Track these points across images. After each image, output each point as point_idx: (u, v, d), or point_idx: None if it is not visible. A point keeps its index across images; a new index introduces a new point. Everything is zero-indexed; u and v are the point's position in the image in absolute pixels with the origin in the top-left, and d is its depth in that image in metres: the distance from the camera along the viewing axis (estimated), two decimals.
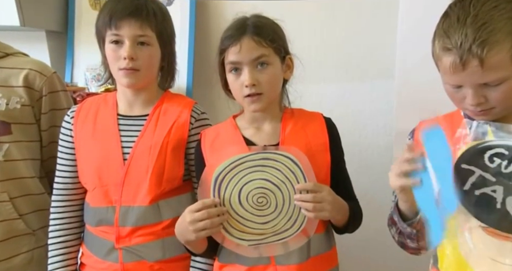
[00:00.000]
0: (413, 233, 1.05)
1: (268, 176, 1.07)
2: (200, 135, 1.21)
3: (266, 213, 1.07)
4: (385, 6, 1.69)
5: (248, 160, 1.07)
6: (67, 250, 1.29)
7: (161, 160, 1.21)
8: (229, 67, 1.13)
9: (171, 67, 1.31)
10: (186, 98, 1.36)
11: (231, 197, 1.06)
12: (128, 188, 1.21)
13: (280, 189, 1.07)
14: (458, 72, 0.91)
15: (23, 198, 1.35)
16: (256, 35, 1.11)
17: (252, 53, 1.10)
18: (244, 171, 1.07)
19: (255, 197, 1.07)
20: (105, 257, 1.23)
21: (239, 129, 1.18)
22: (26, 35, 1.91)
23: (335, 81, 1.23)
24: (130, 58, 1.18)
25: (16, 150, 1.33)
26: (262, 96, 1.12)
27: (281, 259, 1.10)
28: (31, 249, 1.36)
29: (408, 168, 0.92)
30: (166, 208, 1.23)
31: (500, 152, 0.89)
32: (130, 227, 1.21)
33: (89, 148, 1.25)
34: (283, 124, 1.17)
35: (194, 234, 1.04)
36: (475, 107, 0.94)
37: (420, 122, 1.12)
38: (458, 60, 0.89)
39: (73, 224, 1.30)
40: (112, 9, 1.20)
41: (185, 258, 1.26)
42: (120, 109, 1.28)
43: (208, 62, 1.90)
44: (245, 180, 1.07)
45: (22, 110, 1.33)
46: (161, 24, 1.24)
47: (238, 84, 1.12)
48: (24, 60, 1.41)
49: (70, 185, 1.29)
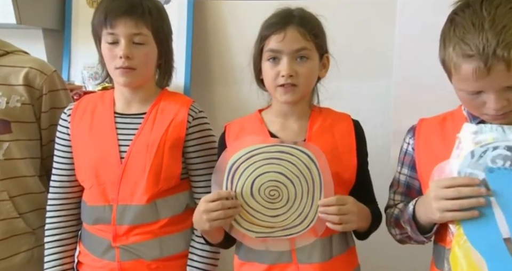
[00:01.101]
0: (425, 241, 1.05)
1: (282, 170, 1.06)
2: (224, 128, 1.20)
3: (277, 207, 1.06)
4: (383, 6, 1.69)
5: (265, 151, 1.06)
6: (63, 248, 1.29)
7: (159, 158, 1.21)
8: (268, 55, 1.11)
9: (168, 65, 1.30)
10: (184, 96, 1.35)
11: (243, 186, 1.06)
12: (125, 186, 1.20)
13: (294, 184, 1.06)
14: (482, 78, 0.88)
15: (23, 197, 1.34)
16: (301, 26, 1.10)
17: (294, 44, 1.09)
18: (259, 162, 1.06)
19: (268, 190, 1.06)
20: (102, 256, 1.23)
21: (265, 124, 1.17)
22: (23, 33, 1.89)
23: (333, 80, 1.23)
24: (126, 57, 1.18)
25: (16, 149, 1.32)
26: (297, 88, 1.10)
27: (304, 258, 1.09)
28: (30, 248, 1.35)
29: (471, 202, 0.88)
30: (163, 207, 1.23)
31: (502, 153, 0.89)
32: (127, 226, 1.20)
33: (86, 146, 1.25)
34: (311, 122, 1.16)
35: (208, 224, 1.04)
36: (497, 111, 0.92)
37: (420, 120, 1.12)
38: (483, 65, 0.87)
39: (70, 223, 1.30)
40: (107, 8, 1.19)
41: (183, 257, 1.26)
42: (117, 107, 1.28)
43: (206, 61, 1.90)
44: (259, 171, 1.06)
45: (22, 108, 1.33)
46: (157, 22, 1.23)
47: (274, 72, 1.10)
48: (24, 58, 1.40)
49: (66, 183, 1.29)
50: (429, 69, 1.11)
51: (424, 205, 0.98)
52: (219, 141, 1.21)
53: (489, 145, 0.91)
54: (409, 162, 1.12)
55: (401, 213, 1.09)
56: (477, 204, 0.88)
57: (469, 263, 0.89)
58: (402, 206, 1.12)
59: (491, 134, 0.92)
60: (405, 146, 1.13)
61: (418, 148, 1.08)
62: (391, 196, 1.18)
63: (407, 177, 1.14)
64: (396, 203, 1.16)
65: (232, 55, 1.85)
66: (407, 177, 1.14)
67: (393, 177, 1.18)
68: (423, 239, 1.04)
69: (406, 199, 1.15)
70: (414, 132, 1.11)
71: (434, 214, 0.92)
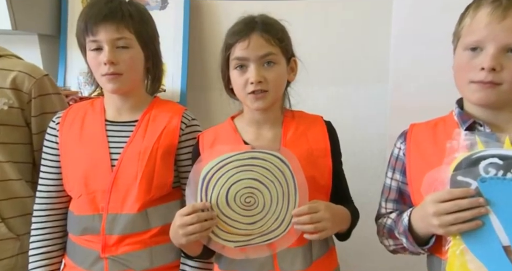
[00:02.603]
0: (421, 253, 1.03)
1: (256, 176, 1.04)
2: (197, 137, 1.19)
3: (254, 213, 1.04)
4: (378, 11, 1.68)
5: (237, 159, 1.04)
6: (49, 261, 1.25)
7: (151, 166, 1.19)
8: (235, 63, 1.10)
9: (157, 68, 1.28)
10: (176, 104, 1.33)
11: (218, 197, 1.04)
12: (116, 195, 1.18)
13: (269, 189, 1.04)
14: (494, 24, 0.91)
15: (8, 201, 1.32)
16: (265, 32, 1.09)
17: (260, 50, 1.08)
18: (233, 170, 1.04)
19: (243, 197, 1.04)
20: (90, 268, 1.20)
21: (239, 133, 1.16)
22: (19, 39, 1.89)
23: (329, 85, 1.21)
24: (111, 63, 1.16)
25: (2, 152, 1.30)
26: (267, 94, 1.10)
27: (286, 265, 1.09)
28: (14, 255, 1.33)
29: (473, 213, 0.87)
30: (154, 216, 1.21)
31: (494, 162, 0.88)
32: (117, 235, 1.18)
33: (75, 154, 1.23)
34: (284, 129, 1.15)
35: (184, 238, 1.02)
36: (487, 74, 0.92)
37: (411, 125, 1.11)
38: (502, 8, 0.90)
39: (56, 234, 1.27)
40: (87, 16, 1.18)
41: (173, 267, 1.24)
42: (108, 114, 1.26)
43: (202, 66, 1.90)
44: (233, 179, 1.04)
45: (10, 111, 1.31)
46: (139, 24, 1.20)
47: (243, 80, 1.09)
48: (15, 62, 1.39)
49: (53, 193, 1.27)
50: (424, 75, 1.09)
51: (421, 219, 0.96)
52: (193, 151, 1.19)
53: (481, 153, 0.89)
54: (401, 167, 1.10)
55: (395, 224, 1.07)
56: (478, 214, 0.87)
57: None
58: (395, 216, 1.10)
59: (483, 140, 0.91)
60: (396, 152, 1.12)
61: (409, 153, 1.07)
62: (383, 204, 1.15)
63: (398, 183, 1.12)
64: (388, 212, 1.14)
65: None
66: (398, 183, 1.12)
67: (383, 184, 1.16)
68: (419, 251, 1.02)
69: (398, 207, 1.13)
70: (405, 137, 1.10)
71: (438, 230, 0.91)
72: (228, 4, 1.84)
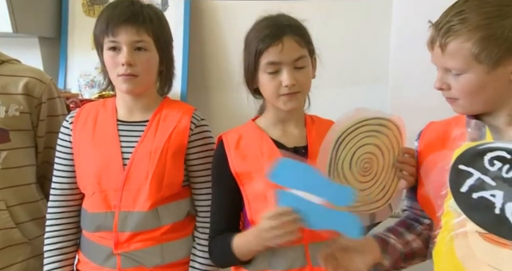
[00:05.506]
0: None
1: (378, 142, 1.05)
2: (219, 138, 1.19)
3: (367, 180, 1.06)
4: (378, 12, 1.71)
5: (368, 124, 1.05)
6: (63, 257, 1.27)
7: (161, 165, 1.21)
8: (268, 67, 1.10)
9: (169, 72, 1.31)
10: (186, 104, 1.36)
11: (345, 159, 1.03)
12: (127, 193, 1.21)
13: (384, 157, 1.06)
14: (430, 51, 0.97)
15: (21, 206, 1.34)
16: (296, 35, 1.10)
17: (293, 54, 1.09)
18: (362, 134, 1.04)
19: (362, 162, 1.05)
20: (103, 264, 1.23)
21: (265, 131, 1.17)
22: (19, 41, 1.89)
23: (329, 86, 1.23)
24: (128, 64, 1.18)
25: (15, 157, 1.32)
26: (299, 94, 1.12)
27: (318, 259, 1.07)
28: (26, 259, 1.34)
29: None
30: (165, 214, 1.23)
31: (501, 155, 0.86)
32: (129, 232, 1.20)
33: (88, 153, 1.25)
34: (308, 129, 1.18)
35: (272, 241, 1.01)
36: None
37: (429, 123, 1.12)
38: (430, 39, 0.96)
39: (70, 231, 1.29)
40: (109, 16, 1.20)
41: (184, 264, 1.27)
42: (119, 114, 1.28)
43: (202, 67, 1.91)
44: (360, 144, 1.04)
45: (21, 117, 1.33)
46: (158, 29, 1.24)
47: (275, 83, 1.10)
48: (21, 68, 1.41)
49: (67, 191, 1.28)
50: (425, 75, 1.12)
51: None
52: (218, 152, 1.19)
53: (489, 145, 0.88)
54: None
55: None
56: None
57: (452, 260, 0.89)
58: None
59: (493, 132, 0.91)
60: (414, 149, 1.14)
61: (420, 150, 1.10)
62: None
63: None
64: (403, 209, 1.18)
65: (229, 61, 1.86)
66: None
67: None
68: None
69: (412, 204, 1.16)
70: (420, 134, 1.12)
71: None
72: (228, 5, 1.86)
